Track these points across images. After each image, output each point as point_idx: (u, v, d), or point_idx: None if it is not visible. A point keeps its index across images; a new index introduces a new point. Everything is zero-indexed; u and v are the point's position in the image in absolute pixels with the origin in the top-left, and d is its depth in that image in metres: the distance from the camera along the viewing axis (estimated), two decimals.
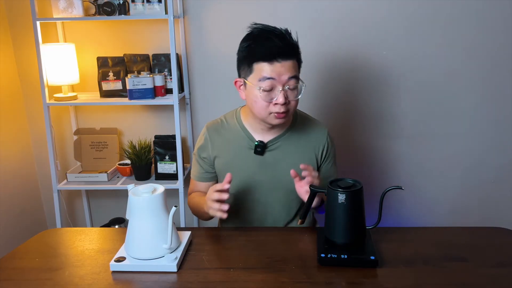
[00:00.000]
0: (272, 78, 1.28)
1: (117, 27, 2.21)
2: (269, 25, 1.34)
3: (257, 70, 1.30)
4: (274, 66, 1.27)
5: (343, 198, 1.14)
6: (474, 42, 2.12)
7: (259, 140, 1.43)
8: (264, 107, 1.31)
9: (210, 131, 1.49)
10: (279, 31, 1.31)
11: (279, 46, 1.27)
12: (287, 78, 1.29)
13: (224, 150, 1.46)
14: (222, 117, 1.52)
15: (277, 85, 1.29)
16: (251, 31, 1.34)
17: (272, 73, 1.28)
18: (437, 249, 1.21)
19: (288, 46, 1.30)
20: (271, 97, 1.30)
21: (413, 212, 2.36)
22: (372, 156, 2.31)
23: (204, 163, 1.50)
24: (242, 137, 1.45)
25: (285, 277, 1.09)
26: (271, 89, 1.29)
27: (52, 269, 1.16)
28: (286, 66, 1.28)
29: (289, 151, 1.45)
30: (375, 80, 2.19)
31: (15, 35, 2.23)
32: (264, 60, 1.28)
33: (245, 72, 1.34)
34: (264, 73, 1.28)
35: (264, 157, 1.44)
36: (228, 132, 1.47)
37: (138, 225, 1.15)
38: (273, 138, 1.44)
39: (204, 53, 2.21)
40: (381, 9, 2.10)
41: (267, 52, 1.28)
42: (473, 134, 2.24)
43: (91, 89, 2.28)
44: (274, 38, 1.28)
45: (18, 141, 2.29)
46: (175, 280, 1.10)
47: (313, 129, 1.49)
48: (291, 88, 1.31)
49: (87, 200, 2.47)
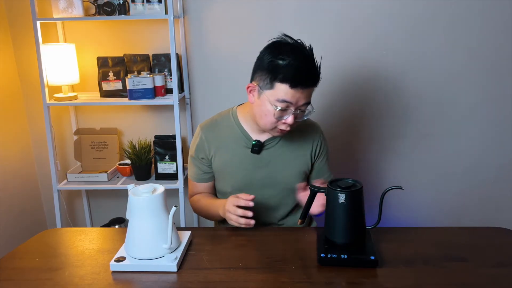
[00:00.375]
0: (289, 102, 1.29)
1: (117, 27, 2.21)
2: (297, 41, 1.33)
3: (278, 89, 1.29)
4: (296, 92, 1.28)
5: (343, 198, 1.14)
6: (475, 42, 2.12)
7: (256, 140, 1.44)
8: (273, 122, 1.33)
9: (205, 130, 1.48)
10: (308, 53, 1.30)
11: (306, 74, 1.28)
12: (303, 104, 1.31)
13: (221, 148, 1.47)
14: (216, 116, 1.52)
15: (291, 107, 1.30)
16: (279, 44, 1.32)
17: (292, 98, 1.28)
18: (437, 249, 1.21)
19: (314, 75, 1.30)
20: (281, 116, 1.32)
21: (413, 212, 2.36)
22: (372, 156, 2.31)
23: (202, 164, 1.50)
24: (238, 136, 1.46)
25: (285, 277, 1.09)
26: (285, 109, 1.31)
27: (52, 269, 1.16)
28: (306, 93, 1.30)
29: (285, 150, 1.47)
30: (375, 80, 2.19)
31: (15, 35, 2.23)
32: (288, 83, 1.27)
33: (263, 83, 1.31)
34: (284, 95, 1.28)
35: (261, 156, 1.45)
36: (223, 131, 1.47)
37: (138, 225, 1.15)
38: (270, 138, 1.46)
39: (204, 53, 2.21)
40: (381, 9, 2.10)
41: (293, 77, 1.26)
42: (473, 134, 2.24)
43: (91, 89, 2.28)
44: (307, 67, 1.28)
45: (18, 141, 2.29)
46: (175, 280, 1.10)
47: (307, 127, 1.51)
48: (303, 111, 1.34)
49: (87, 200, 2.47)
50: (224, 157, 1.47)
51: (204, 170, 1.51)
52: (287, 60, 1.27)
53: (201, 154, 1.49)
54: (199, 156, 1.49)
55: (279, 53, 1.28)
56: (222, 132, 1.48)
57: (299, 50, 1.30)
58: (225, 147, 1.47)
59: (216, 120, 1.51)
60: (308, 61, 1.29)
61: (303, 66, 1.27)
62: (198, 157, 1.50)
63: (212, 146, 1.47)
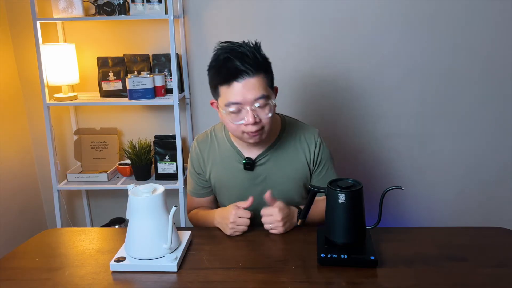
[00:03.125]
0: (236, 102, 1.24)
1: (117, 27, 2.21)
2: (234, 43, 1.29)
3: (222, 94, 1.27)
4: (235, 88, 1.23)
5: (343, 198, 1.14)
6: (475, 42, 2.12)
7: (247, 158, 1.40)
8: (236, 128, 1.29)
9: (200, 145, 1.47)
10: (241, 50, 1.25)
11: (237, 65, 1.22)
12: (254, 99, 1.24)
13: (216, 164, 1.45)
14: (211, 130, 1.50)
15: (244, 106, 1.25)
16: (214, 51, 1.30)
17: (236, 96, 1.24)
18: (437, 249, 1.21)
19: (248, 65, 1.22)
20: (240, 118, 1.27)
21: (413, 212, 2.36)
22: (372, 156, 2.31)
23: (199, 178, 1.49)
24: (231, 152, 1.43)
25: (285, 277, 1.09)
26: (239, 111, 1.26)
27: (52, 269, 1.16)
28: (248, 86, 1.23)
29: (279, 163, 1.42)
30: (375, 80, 2.19)
31: (15, 35, 2.23)
32: (223, 83, 1.25)
33: (214, 94, 1.32)
34: (228, 97, 1.25)
35: (255, 172, 1.42)
36: (217, 147, 1.46)
37: (138, 225, 1.15)
38: (261, 153, 1.41)
39: (204, 53, 2.21)
40: (381, 9, 2.10)
41: (224, 74, 1.24)
42: (473, 134, 2.24)
43: (91, 89, 2.28)
44: (233, 58, 1.23)
45: (18, 141, 2.29)
46: (175, 280, 1.10)
47: (302, 134, 1.45)
48: (261, 106, 1.26)
49: (87, 200, 2.47)
50: (220, 173, 1.45)
51: (202, 184, 1.49)
52: (217, 62, 1.27)
53: (198, 168, 1.48)
54: (197, 171, 1.48)
55: (212, 61, 1.31)
56: (216, 148, 1.45)
57: (229, 49, 1.27)
58: (220, 163, 1.44)
59: (210, 134, 1.48)
60: (240, 55, 1.23)
61: (234, 60, 1.23)
62: (195, 172, 1.48)
63: (207, 161, 1.46)
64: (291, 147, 1.43)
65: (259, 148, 1.41)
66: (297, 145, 1.44)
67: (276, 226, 1.28)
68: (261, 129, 1.29)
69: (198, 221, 1.49)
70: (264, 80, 1.27)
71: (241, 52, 1.24)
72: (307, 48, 2.17)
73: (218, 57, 1.28)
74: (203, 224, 1.46)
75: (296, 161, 1.43)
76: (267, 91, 1.27)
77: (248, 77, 1.23)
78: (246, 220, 1.29)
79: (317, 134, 1.46)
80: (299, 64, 2.19)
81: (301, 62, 2.19)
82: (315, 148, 1.44)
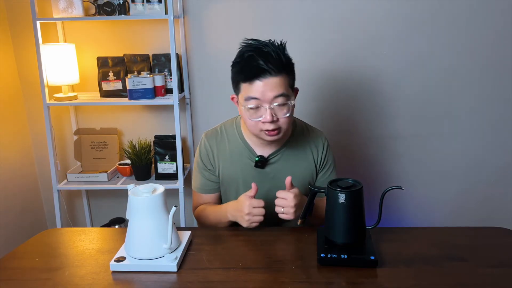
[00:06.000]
0: (255, 98, 1.27)
1: (117, 27, 2.21)
2: (260, 41, 1.31)
3: (243, 89, 1.30)
4: (256, 85, 1.26)
5: (343, 198, 1.14)
6: (474, 42, 2.12)
7: (259, 155, 1.42)
8: (254, 125, 1.31)
9: (210, 140, 1.47)
10: (266, 49, 1.27)
11: (260, 65, 1.24)
12: (273, 97, 1.26)
13: (226, 161, 1.45)
14: (221, 126, 1.50)
15: (263, 104, 1.27)
16: (240, 48, 1.33)
17: (256, 92, 1.26)
18: (437, 249, 1.21)
19: (271, 65, 1.25)
20: (258, 116, 1.29)
21: (413, 212, 2.36)
22: (372, 156, 2.31)
23: (209, 173, 1.48)
24: (242, 149, 1.44)
25: (285, 277, 1.09)
26: (257, 107, 1.28)
27: (52, 269, 1.16)
28: (270, 85, 1.25)
29: (289, 163, 1.45)
30: (375, 80, 2.19)
31: (15, 35, 2.23)
32: (245, 81, 1.28)
33: (236, 90, 1.35)
34: (248, 93, 1.28)
35: (265, 170, 1.44)
36: (228, 143, 1.46)
37: (138, 225, 1.15)
38: (273, 152, 1.44)
39: (204, 53, 2.21)
40: (381, 9, 2.10)
41: (247, 72, 1.27)
42: (473, 134, 2.24)
43: (91, 89, 2.28)
44: (257, 57, 1.25)
45: (18, 141, 2.29)
46: (175, 280, 1.10)
47: (311, 138, 1.49)
48: (279, 105, 1.28)
49: (87, 200, 2.47)
50: (229, 170, 1.45)
51: (211, 179, 1.49)
52: (242, 59, 1.29)
53: (208, 163, 1.47)
54: (207, 166, 1.47)
55: (237, 57, 1.32)
56: (226, 144, 1.46)
57: (254, 47, 1.29)
58: (229, 160, 1.45)
59: (220, 130, 1.49)
60: (265, 54, 1.26)
61: (259, 58, 1.25)
62: (205, 167, 1.48)
63: (217, 156, 1.46)
64: (301, 148, 1.46)
65: (272, 146, 1.43)
66: (306, 146, 1.47)
67: (287, 211, 1.29)
68: (278, 128, 1.31)
69: (208, 217, 1.47)
70: (286, 80, 1.30)
71: (266, 51, 1.27)
72: (307, 48, 2.17)
73: (242, 54, 1.30)
74: (213, 219, 1.44)
75: (305, 162, 1.47)
76: (287, 90, 1.30)
77: (270, 77, 1.26)
78: (261, 210, 1.28)
79: (324, 137, 1.51)
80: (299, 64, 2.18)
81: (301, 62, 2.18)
82: (323, 151, 1.49)
